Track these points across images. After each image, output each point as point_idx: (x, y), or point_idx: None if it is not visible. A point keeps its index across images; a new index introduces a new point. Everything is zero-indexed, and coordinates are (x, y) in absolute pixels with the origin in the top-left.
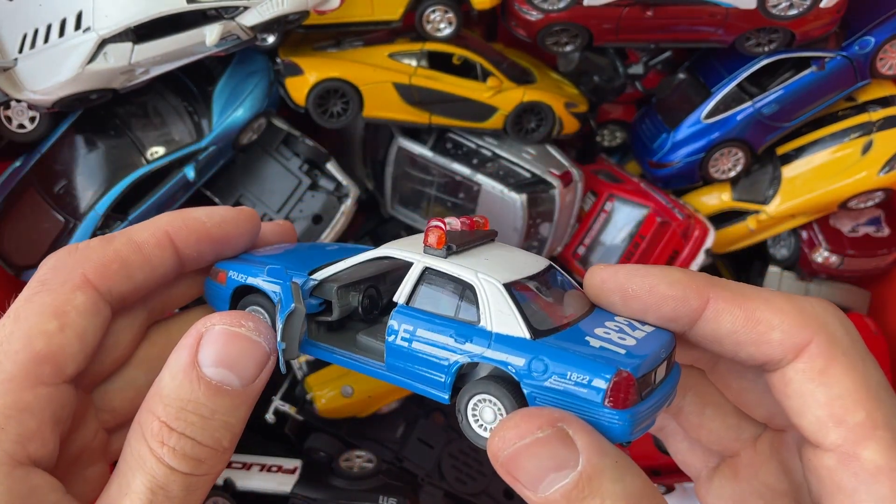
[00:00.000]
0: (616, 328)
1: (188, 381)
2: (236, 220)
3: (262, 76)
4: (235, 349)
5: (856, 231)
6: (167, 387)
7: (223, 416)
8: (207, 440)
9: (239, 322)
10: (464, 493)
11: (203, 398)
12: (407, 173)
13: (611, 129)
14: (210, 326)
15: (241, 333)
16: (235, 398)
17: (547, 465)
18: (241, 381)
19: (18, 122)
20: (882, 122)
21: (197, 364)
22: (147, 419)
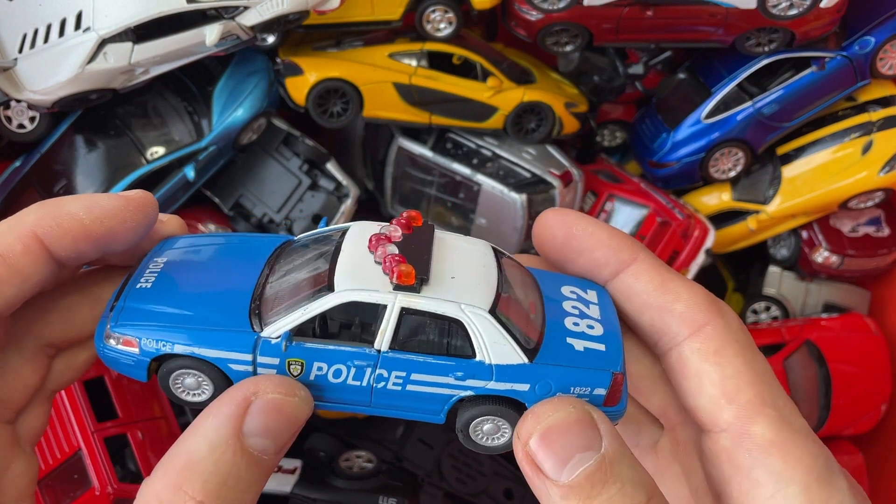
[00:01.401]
0: (577, 312)
1: (231, 453)
2: (123, 212)
3: (262, 76)
4: (284, 420)
5: (856, 231)
6: (205, 460)
7: (258, 486)
8: None
9: (294, 392)
10: (464, 494)
11: (244, 472)
12: (407, 173)
13: (611, 129)
14: (262, 395)
15: (293, 403)
16: (270, 466)
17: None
18: (276, 450)
19: (18, 122)
20: (882, 122)
21: (241, 435)
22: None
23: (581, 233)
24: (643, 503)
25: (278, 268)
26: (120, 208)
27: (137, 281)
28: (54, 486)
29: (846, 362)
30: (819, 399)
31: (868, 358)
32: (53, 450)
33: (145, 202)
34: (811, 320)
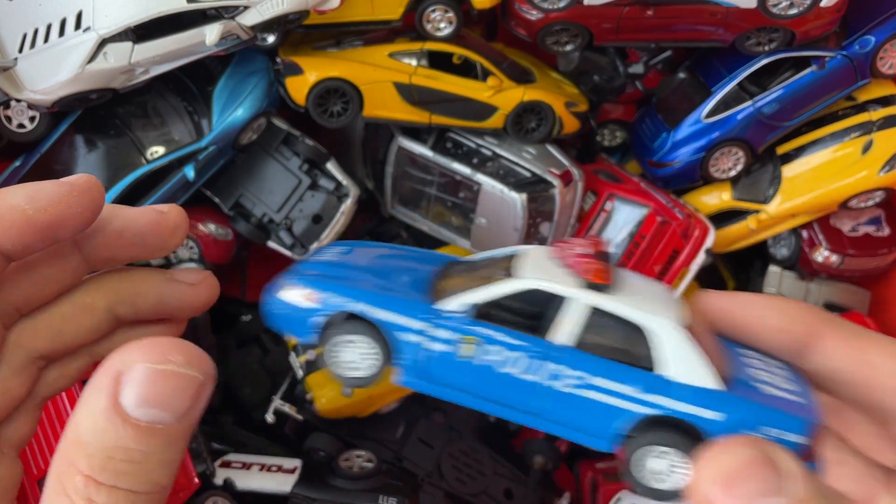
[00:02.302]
0: (762, 366)
1: (112, 426)
2: (67, 199)
3: (262, 76)
4: (164, 387)
5: (856, 231)
6: (86, 433)
7: (159, 456)
8: (143, 486)
9: (166, 358)
10: (464, 494)
11: (133, 443)
12: (407, 173)
13: (611, 129)
14: (130, 364)
15: (169, 371)
16: (170, 435)
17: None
18: (175, 416)
19: (18, 122)
20: (882, 122)
21: (120, 407)
22: (67, 473)
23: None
24: None
25: (453, 269)
26: (64, 194)
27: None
28: None
29: None
30: None
31: None
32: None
33: (89, 186)
34: None
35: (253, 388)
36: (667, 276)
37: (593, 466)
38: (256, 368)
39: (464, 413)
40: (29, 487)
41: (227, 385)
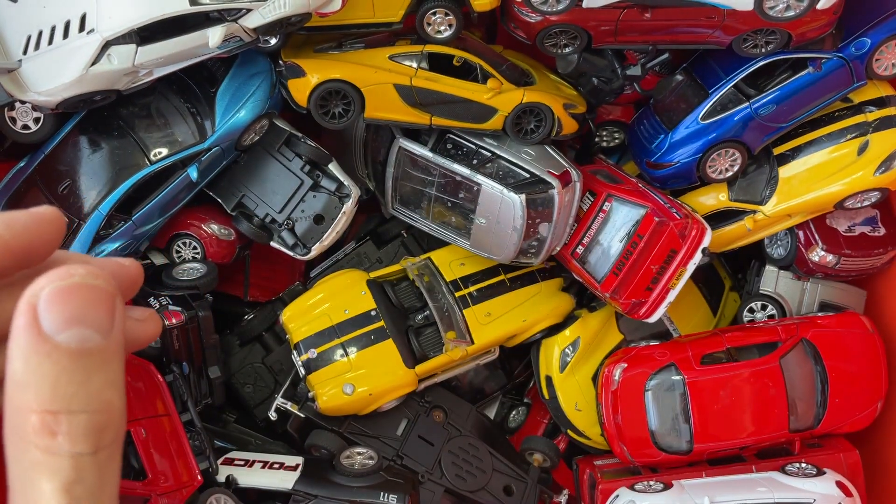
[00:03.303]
0: None
1: (45, 356)
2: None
3: (265, 78)
4: (78, 302)
5: (852, 230)
6: (25, 374)
7: (101, 375)
8: (95, 404)
9: (68, 273)
10: (464, 490)
11: (70, 365)
12: (407, 173)
13: (609, 130)
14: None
15: (78, 283)
16: (101, 354)
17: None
18: (101, 332)
19: (23, 123)
20: (878, 123)
21: (46, 336)
22: (20, 421)
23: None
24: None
25: None
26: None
27: None
28: None
29: (842, 360)
30: (815, 397)
31: (864, 356)
32: None
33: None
34: (807, 319)
35: (255, 386)
36: (664, 276)
37: (592, 464)
38: (258, 367)
39: (464, 411)
40: None
41: (230, 383)
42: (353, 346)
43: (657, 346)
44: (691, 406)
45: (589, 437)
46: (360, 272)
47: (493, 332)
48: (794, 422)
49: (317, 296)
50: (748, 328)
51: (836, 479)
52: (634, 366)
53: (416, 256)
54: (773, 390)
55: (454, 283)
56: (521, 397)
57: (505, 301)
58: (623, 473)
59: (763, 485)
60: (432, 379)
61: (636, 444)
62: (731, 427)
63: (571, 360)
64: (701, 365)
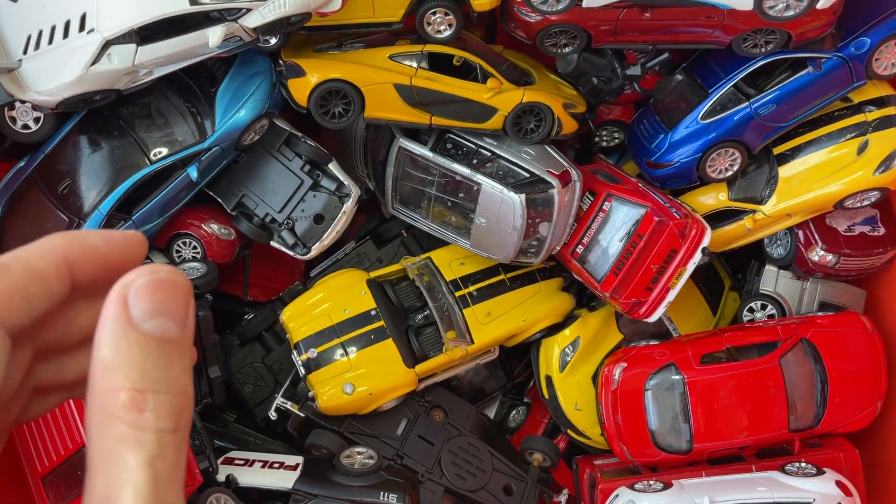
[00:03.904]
0: None
1: (134, 341)
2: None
3: (265, 78)
4: (163, 296)
5: (852, 230)
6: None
7: (177, 363)
8: (176, 388)
9: (155, 270)
10: (463, 490)
11: (155, 351)
12: (407, 173)
13: (609, 130)
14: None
15: (165, 279)
16: (179, 344)
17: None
18: (179, 325)
19: (23, 123)
20: (877, 123)
21: (134, 323)
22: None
23: None
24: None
25: None
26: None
27: None
28: (58, 482)
29: (842, 360)
30: (815, 396)
31: (863, 356)
32: (57, 446)
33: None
34: (807, 318)
35: (255, 385)
36: (664, 275)
37: (591, 463)
38: (258, 367)
39: (464, 411)
40: (34, 486)
41: (230, 383)
42: (353, 345)
43: (657, 345)
44: (691, 406)
45: (589, 437)
46: (360, 272)
47: (493, 331)
48: (794, 421)
49: (317, 295)
50: (748, 328)
51: (836, 479)
52: (634, 365)
53: (416, 256)
54: (773, 390)
55: (454, 283)
56: (521, 397)
57: (505, 301)
58: (623, 473)
59: (763, 484)
60: (432, 378)
61: (636, 444)
62: (730, 427)
63: (571, 360)
64: (701, 364)
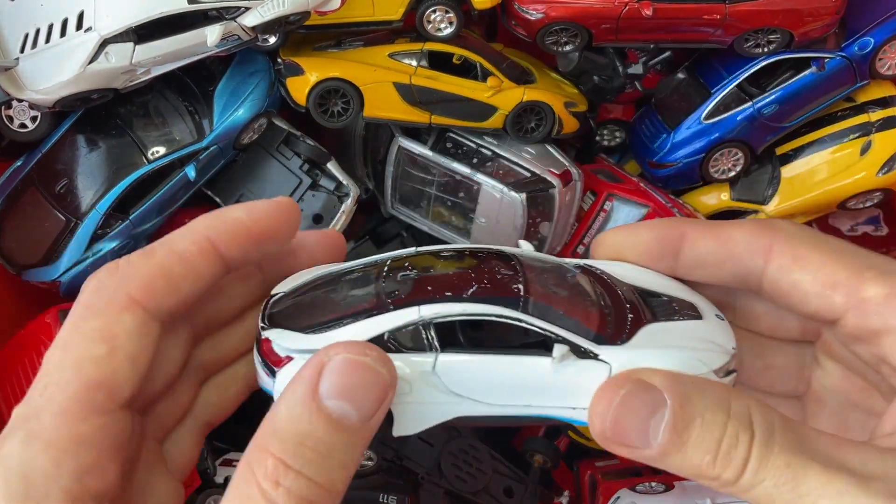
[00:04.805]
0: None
1: (307, 413)
2: (277, 213)
3: (263, 76)
4: (358, 380)
5: (854, 230)
6: (283, 420)
7: (340, 455)
8: (324, 480)
9: (363, 351)
10: (464, 492)
11: (322, 433)
12: (407, 173)
13: (610, 129)
14: (333, 356)
15: (365, 363)
16: (353, 435)
17: (643, 413)
18: (360, 417)
19: (20, 122)
20: (881, 123)
21: (317, 396)
22: (259, 457)
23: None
24: (724, 424)
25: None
26: (273, 209)
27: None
28: None
29: None
30: None
31: None
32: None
33: (291, 205)
34: None
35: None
36: None
37: (593, 465)
38: None
39: None
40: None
41: None
42: None
43: None
44: None
45: (590, 438)
46: None
47: None
48: None
49: None
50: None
51: None
52: None
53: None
54: None
55: None
56: None
57: None
58: (624, 474)
59: None
60: None
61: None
62: None
63: None
64: None
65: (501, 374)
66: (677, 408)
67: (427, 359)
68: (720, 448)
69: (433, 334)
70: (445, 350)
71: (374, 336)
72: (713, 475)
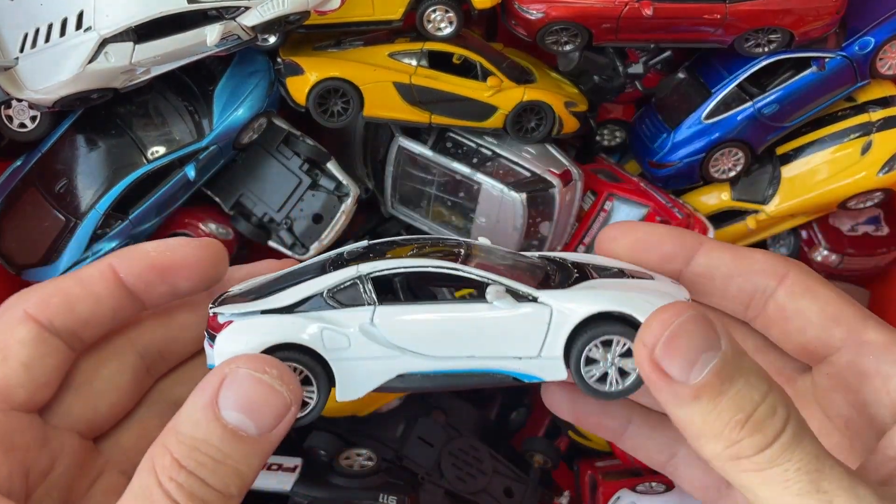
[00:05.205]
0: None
1: (205, 421)
2: (185, 249)
3: (263, 76)
4: (256, 396)
5: (855, 230)
6: (183, 424)
7: (234, 463)
8: (216, 483)
9: (263, 368)
10: (464, 492)
11: (217, 441)
12: (407, 172)
13: (610, 129)
14: (234, 369)
15: (264, 381)
16: (250, 446)
17: (699, 344)
18: (258, 430)
19: (19, 122)
20: (882, 123)
21: (216, 405)
22: (159, 453)
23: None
24: (766, 392)
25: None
26: (183, 246)
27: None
28: None
29: None
30: None
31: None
32: None
33: (213, 246)
34: None
35: None
36: None
37: (593, 465)
38: None
39: (464, 412)
40: None
41: None
42: None
43: None
44: None
45: (590, 439)
46: None
47: None
48: None
49: None
50: None
51: None
52: None
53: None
54: None
55: None
56: (522, 398)
57: None
58: (624, 475)
59: None
60: None
61: None
62: None
63: None
64: None
65: (441, 324)
66: (730, 356)
67: (365, 312)
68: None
69: (371, 288)
70: (384, 303)
71: (312, 294)
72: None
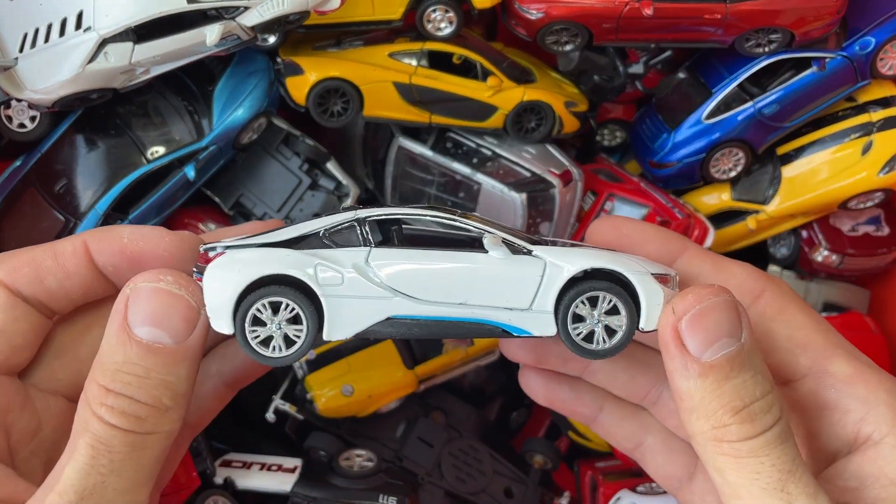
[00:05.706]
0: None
1: (120, 343)
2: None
3: (263, 76)
4: (159, 305)
5: (855, 230)
6: (104, 353)
7: (159, 375)
8: (145, 398)
9: (158, 278)
10: (464, 492)
11: (136, 358)
12: (407, 172)
13: (611, 129)
14: (135, 287)
15: (161, 289)
16: (170, 356)
17: (724, 327)
18: (173, 339)
19: (19, 122)
20: (882, 123)
21: (127, 326)
22: (89, 386)
23: (630, 232)
24: (767, 391)
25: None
26: (157, 236)
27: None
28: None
29: None
30: None
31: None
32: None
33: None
34: None
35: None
36: None
37: (593, 466)
38: None
39: (464, 413)
40: None
41: None
42: (353, 346)
43: None
44: None
45: (590, 439)
46: None
47: None
48: None
49: None
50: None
51: None
52: None
53: None
54: None
55: None
56: (522, 399)
57: None
58: (625, 475)
59: None
60: (432, 380)
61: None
62: None
63: None
64: None
65: (435, 269)
66: (746, 348)
67: (361, 252)
68: (753, 404)
69: (368, 230)
70: (380, 246)
71: (309, 232)
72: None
